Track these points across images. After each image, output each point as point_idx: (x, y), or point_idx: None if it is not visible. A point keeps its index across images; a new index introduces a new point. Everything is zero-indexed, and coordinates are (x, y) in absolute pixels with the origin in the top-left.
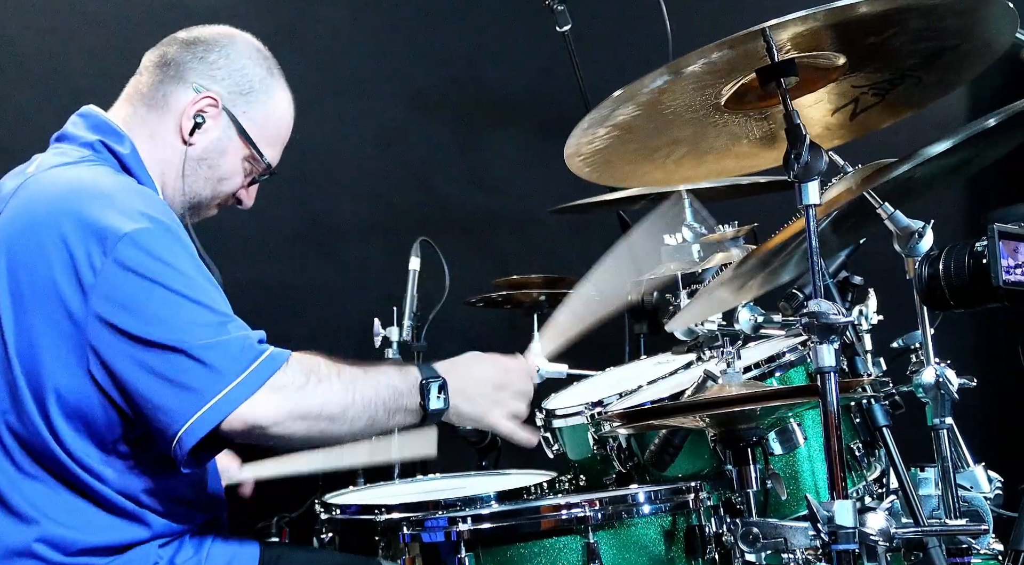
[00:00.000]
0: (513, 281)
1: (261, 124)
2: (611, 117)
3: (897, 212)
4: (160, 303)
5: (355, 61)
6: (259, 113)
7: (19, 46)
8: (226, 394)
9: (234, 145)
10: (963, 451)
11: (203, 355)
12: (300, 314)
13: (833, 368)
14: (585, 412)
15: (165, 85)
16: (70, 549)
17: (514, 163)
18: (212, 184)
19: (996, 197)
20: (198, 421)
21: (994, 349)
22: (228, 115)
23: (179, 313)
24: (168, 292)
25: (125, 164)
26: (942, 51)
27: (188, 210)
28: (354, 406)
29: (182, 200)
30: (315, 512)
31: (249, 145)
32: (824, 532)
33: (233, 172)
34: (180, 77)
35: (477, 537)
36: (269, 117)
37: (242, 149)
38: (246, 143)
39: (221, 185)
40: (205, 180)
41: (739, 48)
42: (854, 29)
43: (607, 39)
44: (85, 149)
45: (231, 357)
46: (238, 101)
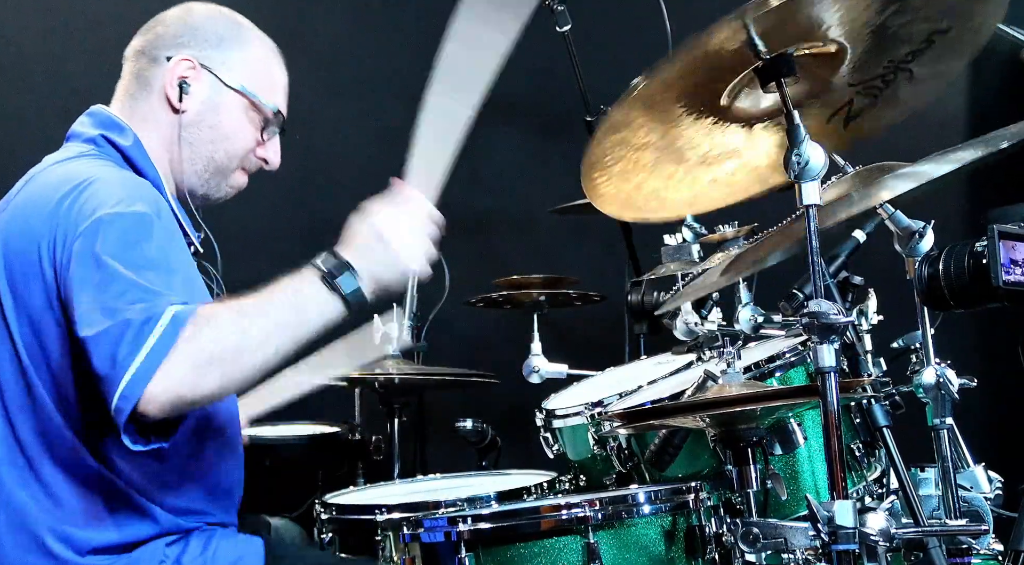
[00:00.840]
0: (513, 281)
1: (245, 71)
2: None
3: (897, 212)
4: (99, 285)
5: (356, 61)
6: (237, 60)
7: (19, 46)
8: (130, 377)
9: (227, 99)
10: (963, 451)
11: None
12: None
13: (833, 368)
14: (585, 412)
15: (143, 71)
16: (84, 548)
17: (514, 163)
18: (221, 144)
19: (996, 197)
20: (119, 399)
21: (994, 349)
22: (210, 72)
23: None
24: (110, 276)
25: (127, 156)
26: (933, 37)
27: (209, 181)
28: (253, 327)
29: (199, 171)
30: (315, 512)
31: (241, 94)
32: (824, 532)
33: (237, 127)
34: (152, 58)
35: (477, 537)
36: (249, 61)
37: (237, 100)
38: (237, 93)
39: (231, 144)
40: (211, 142)
41: (726, 45)
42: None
43: (607, 39)
44: (87, 145)
45: (130, 339)
46: (212, 55)
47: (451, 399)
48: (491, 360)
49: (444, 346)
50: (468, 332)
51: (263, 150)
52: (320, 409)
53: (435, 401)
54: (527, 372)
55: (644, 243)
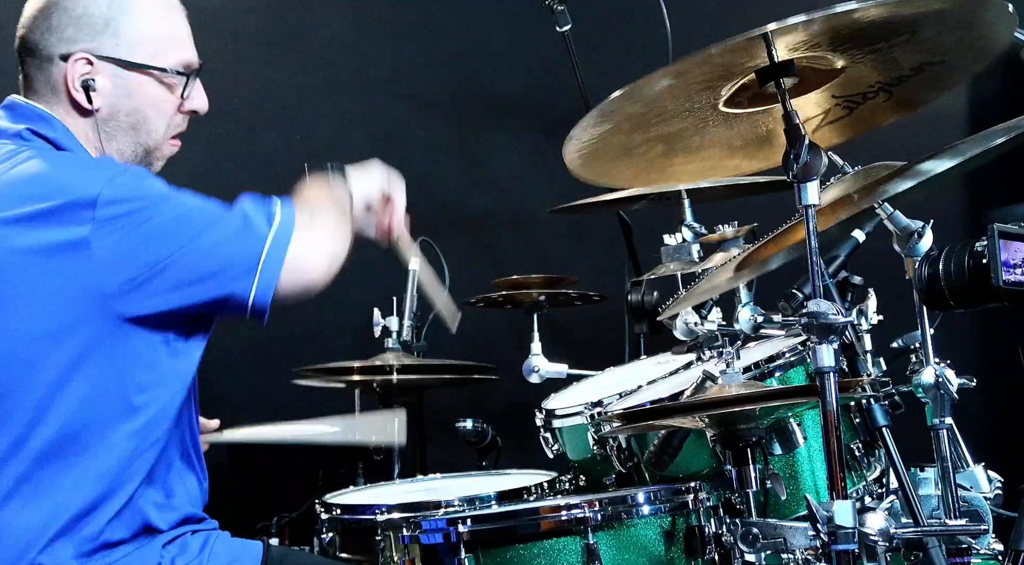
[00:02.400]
0: (513, 281)
1: (142, 42)
2: (608, 116)
3: (897, 212)
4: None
5: (355, 61)
6: (130, 35)
7: None
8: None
9: (135, 81)
10: (963, 451)
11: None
12: (300, 313)
13: (833, 368)
14: (585, 412)
15: (41, 72)
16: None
17: (514, 163)
18: (143, 127)
19: (996, 197)
20: (260, 281)
21: (994, 349)
22: (107, 61)
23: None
24: (166, 218)
25: (58, 145)
26: (924, 67)
27: (140, 163)
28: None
29: (129, 158)
30: (315, 512)
31: (146, 71)
32: (824, 532)
33: (154, 102)
34: (45, 55)
35: (477, 538)
36: (142, 29)
37: (145, 79)
38: (141, 71)
39: (152, 122)
40: (132, 128)
41: (738, 51)
42: (856, 35)
43: (607, 39)
44: (12, 141)
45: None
46: (104, 41)
47: (451, 399)
48: (491, 360)
49: (444, 346)
50: (468, 332)
51: (187, 104)
52: (320, 409)
53: (435, 401)
54: (527, 372)
55: (644, 243)
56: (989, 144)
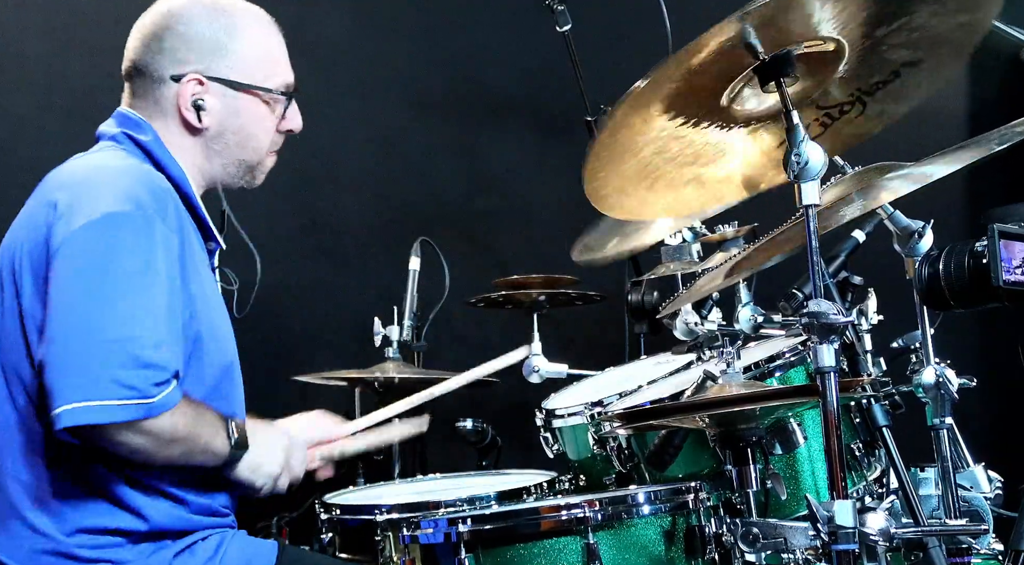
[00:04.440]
0: (513, 281)
1: (248, 63)
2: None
3: (897, 212)
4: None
5: (356, 62)
6: (239, 57)
7: (19, 46)
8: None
9: (243, 102)
10: (963, 451)
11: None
12: (300, 314)
13: (833, 368)
14: (585, 412)
15: (151, 92)
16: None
17: (514, 163)
18: (248, 144)
19: (996, 197)
20: (66, 413)
21: (994, 349)
22: (218, 82)
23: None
24: (94, 290)
25: (148, 149)
26: (901, 70)
27: (244, 177)
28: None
29: (232, 173)
30: (315, 512)
31: (252, 91)
32: (824, 532)
33: (259, 121)
34: (156, 77)
35: (477, 537)
36: (249, 52)
37: (252, 99)
38: (248, 91)
39: (257, 140)
40: (238, 146)
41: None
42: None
43: (607, 39)
44: (110, 142)
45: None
46: (218, 64)
47: (451, 399)
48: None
49: (444, 346)
50: (468, 332)
51: (285, 124)
52: (320, 409)
53: (435, 401)
54: (527, 372)
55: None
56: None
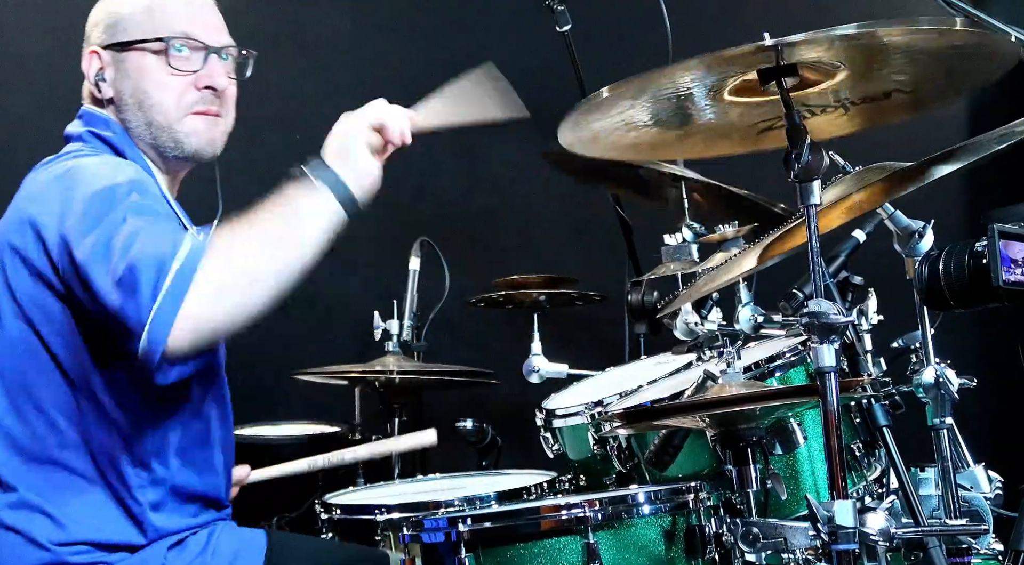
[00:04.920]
0: (513, 281)
1: (136, 22)
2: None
3: (897, 212)
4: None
5: (355, 61)
6: (127, 20)
7: (19, 46)
8: (153, 318)
9: (131, 62)
10: (963, 451)
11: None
12: (300, 313)
13: (833, 368)
14: (585, 412)
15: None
16: (67, 540)
17: (514, 163)
18: (146, 101)
19: (996, 197)
20: (148, 342)
21: (994, 349)
22: (107, 49)
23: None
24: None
25: (114, 146)
26: (892, 93)
27: (166, 143)
28: (264, 251)
29: (149, 140)
30: (315, 512)
31: (136, 47)
32: (824, 532)
33: (149, 77)
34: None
35: (477, 537)
36: (136, 11)
37: (138, 55)
38: (132, 47)
39: (152, 97)
40: (138, 108)
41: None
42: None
43: (607, 39)
44: (78, 143)
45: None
46: (110, 33)
47: (451, 399)
48: (491, 360)
49: (444, 346)
50: (468, 332)
51: (206, 79)
52: (320, 409)
53: (435, 401)
54: (527, 372)
55: (644, 243)
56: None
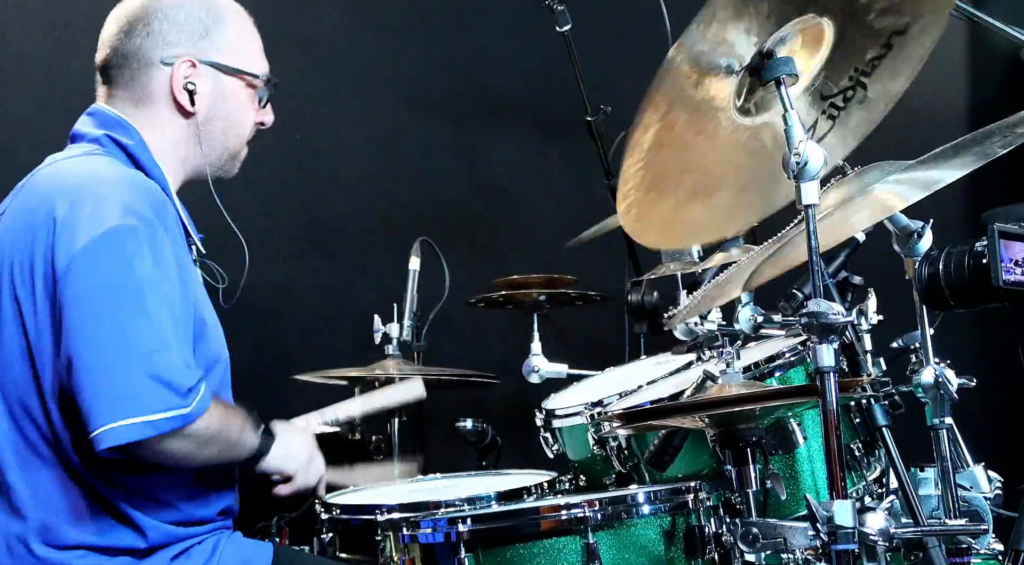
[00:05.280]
0: (513, 281)
1: (235, 50)
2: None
3: (897, 212)
4: (106, 317)
5: (355, 61)
6: (225, 42)
7: (19, 46)
8: (139, 423)
9: (230, 86)
10: (963, 451)
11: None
12: (300, 314)
13: (833, 368)
14: (585, 412)
15: (138, 77)
16: (67, 544)
17: (514, 163)
18: (233, 131)
19: (996, 197)
20: (109, 432)
21: (994, 349)
22: (207, 65)
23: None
24: (117, 307)
25: (132, 154)
26: (892, 39)
27: (224, 166)
28: (210, 446)
29: (214, 161)
30: (315, 512)
31: (240, 75)
32: (824, 532)
33: (243, 109)
34: (146, 62)
35: (477, 537)
36: (233, 38)
37: (237, 83)
38: (237, 75)
39: (241, 127)
40: (223, 133)
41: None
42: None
43: (607, 39)
44: (93, 145)
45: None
46: (206, 47)
47: (451, 399)
48: (491, 360)
49: (444, 346)
50: (468, 332)
51: (260, 116)
52: (320, 409)
53: (435, 401)
54: (527, 372)
55: None
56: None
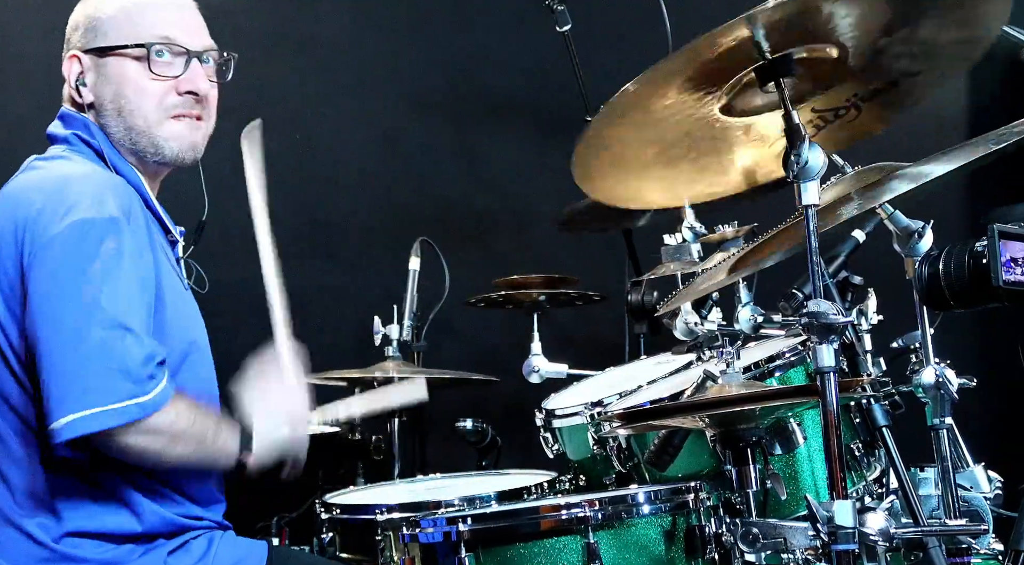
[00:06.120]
0: (513, 281)
1: (117, 26)
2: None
3: (897, 212)
4: (62, 311)
5: (355, 62)
6: (108, 24)
7: (19, 46)
8: (95, 413)
9: (112, 66)
10: (963, 451)
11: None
12: (300, 314)
13: (833, 368)
14: (585, 412)
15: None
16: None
17: (514, 163)
18: (127, 107)
19: (996, 197)
20: (65, 427)
21: (994, 349)
22: (88, 54)
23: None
24: (73, 300)
25: (97, 151)
26: (901, 79)
27: (147, 147)
28: (192, 445)
29: (129, 144)
30: (315, 512)
31: (117, 51)
32: (824, 532)
33: (130, 82)
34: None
35: (477, 537)
36: (117, 16)
37: (118, 60)
38: (113, 53)
39: (132, 102)
40: (118, 113)
41: (731, 43)
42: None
43: (607, 39)
44: (63, 145)
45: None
46: (90, 38)
47: (451, 399)
48: (491, 360)
49: (444, 346)
50: (468, 332)
51: (186, 84)
52: (320, 407)
53: (435, 401)
54: (527, 372)
55: (644, 243)
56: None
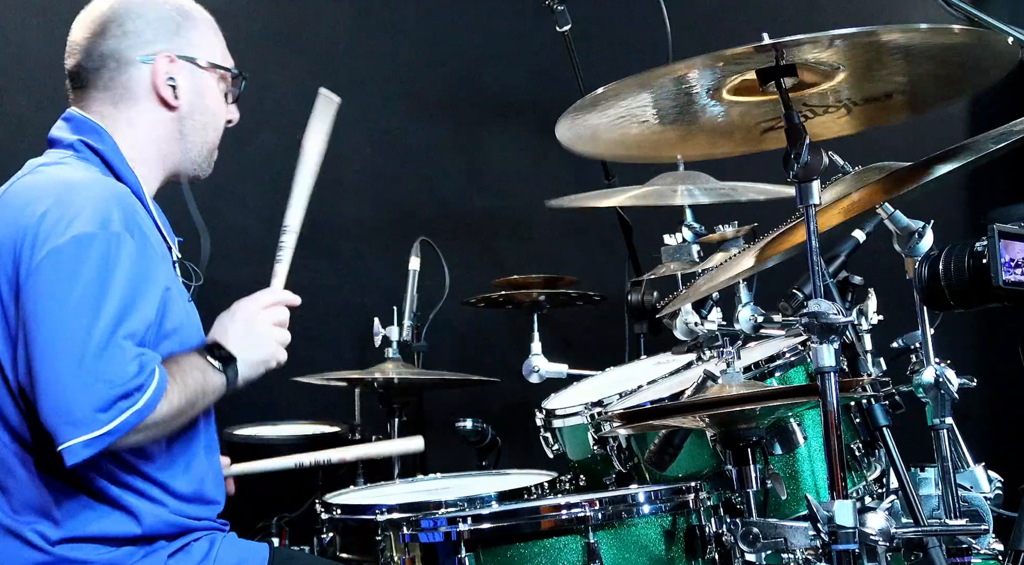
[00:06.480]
0: (513, 281)
1: (205, 45)
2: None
3: (897, 212)
4: (56, 328)
5: (355, 61)
6: (197, 38)
7: (19, 46)
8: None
9: (206, 79)
10: (963, 451)
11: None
12: (299, 314)
13: (833, 368)
14: (585, 412)
15: (117, 77)
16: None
17: (514, 163)
18: (211, 125)
19: (996, 197)
20: (71, 450)
21: (994, 349)
22: (184, 60)
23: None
24: (69, 317)
25: (105, 159)
26: (881, 98)
27: (202, 163)
28: (178, 407)
29: (194, 157)
30: (315, 512)
31: (214, 68)
32: (824, 532)
33: (219, 103)
34: (124, 61)
35: (477, 537)
36: (204, 34)
37: (211, 78)
38: (211, 69)
39: (218, 120)
40: (203, 127)
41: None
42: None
43: (607, 39)
44: (67, 150)
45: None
46: (179, 43)
47: (451, 399)
48: (491, 360)
49: (444, 346)
50: (468, 332)
51: (231, 112)
52: (320, 409)
53: (435, 401)
54: (527, 372)
55: (644, 243)
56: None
